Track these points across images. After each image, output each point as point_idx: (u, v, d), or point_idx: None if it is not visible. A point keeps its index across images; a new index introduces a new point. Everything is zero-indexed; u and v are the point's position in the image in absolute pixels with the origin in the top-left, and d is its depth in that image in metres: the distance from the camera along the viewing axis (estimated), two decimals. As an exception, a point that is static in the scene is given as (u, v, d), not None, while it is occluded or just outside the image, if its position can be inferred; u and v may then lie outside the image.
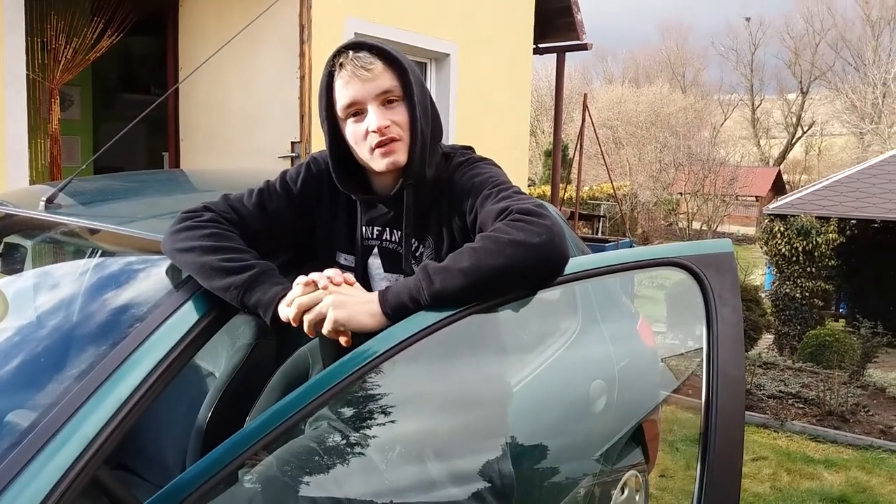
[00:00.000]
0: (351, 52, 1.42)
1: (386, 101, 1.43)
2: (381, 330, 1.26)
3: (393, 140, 1.42)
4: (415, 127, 1.44)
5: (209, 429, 1.86)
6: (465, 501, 1.55)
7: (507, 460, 1.62)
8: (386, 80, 1.42)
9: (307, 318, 1.27)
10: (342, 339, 1.26)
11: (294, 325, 1.29)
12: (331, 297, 1.26)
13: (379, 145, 1.42)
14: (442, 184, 1.49)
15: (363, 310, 1.26)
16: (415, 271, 1.32)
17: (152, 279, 1.51)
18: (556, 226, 1.27)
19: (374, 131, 1.41)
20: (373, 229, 1.53)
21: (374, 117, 1.41)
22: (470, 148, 1.60)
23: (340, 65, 1.42)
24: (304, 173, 1.55)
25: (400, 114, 1.44)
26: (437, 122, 1.52)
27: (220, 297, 1.36)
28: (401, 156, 1.44)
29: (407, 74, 1.44)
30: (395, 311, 1.26)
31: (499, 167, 1.53)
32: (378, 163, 1.43)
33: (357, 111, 1.43)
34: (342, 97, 1.43)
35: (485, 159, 1.54)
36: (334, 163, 1.49)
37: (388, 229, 1.52)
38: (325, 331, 1.26)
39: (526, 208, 1.30)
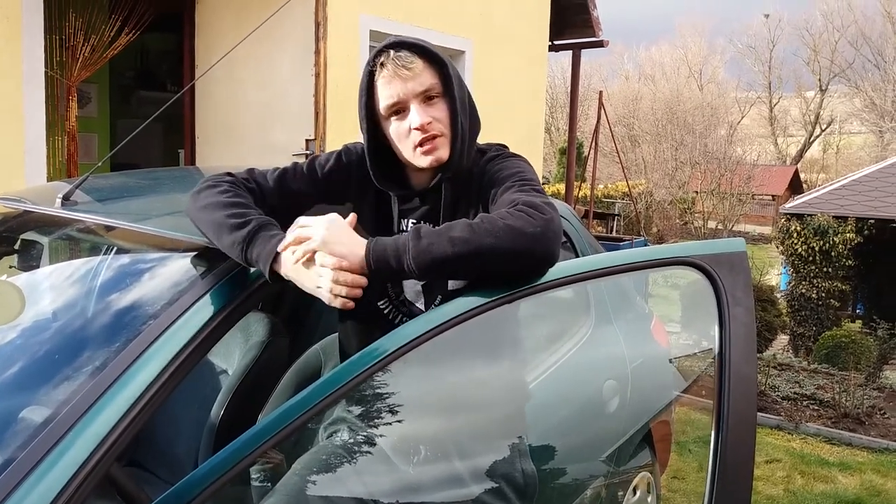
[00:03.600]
0: (392, 52, 1.43)
1: (427, 97, 1.45)
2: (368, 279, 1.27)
3: (435, 137, 1.44)
4: (455, 122, 1.46)
5: (221, 426, 1.87)
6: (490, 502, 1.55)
7: (529, 459, 1.62)
8: (427, 77, 1.44)
9: (296, 254, 1.28)
10: (339, 303, 1.26)
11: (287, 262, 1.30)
12: (321, 234, 1.27)
13: (422, 143, 1.44)
14: (474, 178, 1.52)
15: (348, 251, 1.27)
16: None
17: (166, 276, 1.52)
18: (555, 223, 1.28)
19: (416, 128, 1.43)
20: (408, 222, 1.55)
21: (417, 115, 1.43)
22: (504, 146, 1.62)
23: (381, 64, 1.44)
24: (334, 163, 1.57)
25: (441, 110, 1.46)
26: (476, 117, 1.55)
27: (230, 256, 1.37)
28: (443, 152, 1.46)
29: (447, 70, 1.46)
30: (377, 263, 1.26)
31: (529, 164, 1.55)
32: (422, 160, 1.45)
33: (399, 109, 1.45)
34: (384, 96, 1.44)
35: (516, 156, 1.57)
36: (372, 161, 1.50)
37: (423, 223, 1.53)
38: (313, 263, 1.26)
39: (532, 201, 1.31)
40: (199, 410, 1.94)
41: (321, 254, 1.26)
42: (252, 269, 1.40)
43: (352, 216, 1.35)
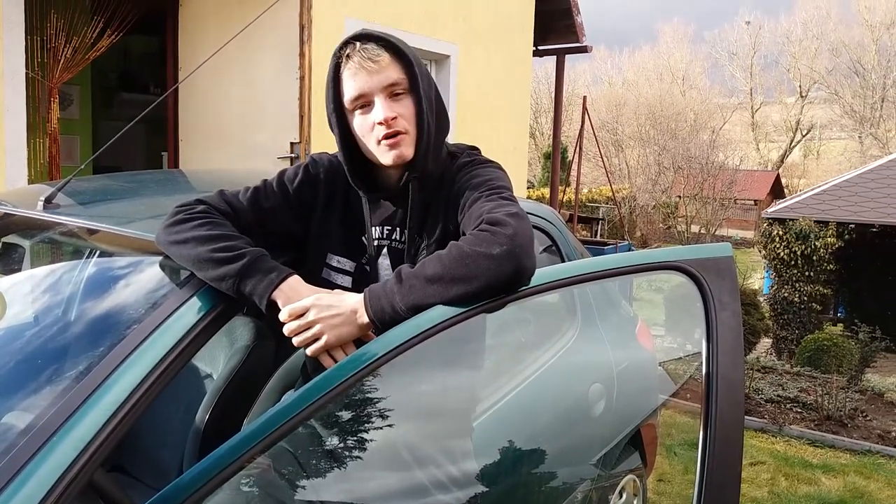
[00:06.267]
0: (358, 44, 1.42)
1: (392, 93, 1.43)
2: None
3: (399, 133, 1.42)
4: (421, 120, 1.44)
5: (207, 431, 1.85)
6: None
7: (472, 459, 1.62)
8: (393, 72, 1.42)
9: (297, 339, 1.32)
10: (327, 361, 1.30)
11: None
12: (319, 326, 1.29)
13: (385, 137, 1.42)
14: (445, 182, 1.50)
15: (350, 330, 1.29)
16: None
17: (150, 280, 1.50)
18: (520, 236, 1.26)
19: (380, 123, 1.41)
20: (382, 229, 1.53)
21: (381, 109, 1.41)
22: (476, 149, 1.60)
23: (347, 56, 1.42)
24: (302, 175, 1.54)
25: (406, 106, 1.44)
26: (444, 116, 1.52)
27: (216, 287, 1.36)
28: (407, 149, 1.44)
29: (413, 67, 1.44)
30: (381, 322, 1.27)
31: (502, 170, 1.53)
32: (385, 156, 1.43)
33: (364, 103, 1.43)
34: (349, 89, 1.43)
35: (490, 162, 1.54)
36: (345, 155, 1.48)
37: (397, 229, 1.52)
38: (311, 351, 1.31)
39: (495, 217, 1.29)
40: (184, 415, 1.92)
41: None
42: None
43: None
